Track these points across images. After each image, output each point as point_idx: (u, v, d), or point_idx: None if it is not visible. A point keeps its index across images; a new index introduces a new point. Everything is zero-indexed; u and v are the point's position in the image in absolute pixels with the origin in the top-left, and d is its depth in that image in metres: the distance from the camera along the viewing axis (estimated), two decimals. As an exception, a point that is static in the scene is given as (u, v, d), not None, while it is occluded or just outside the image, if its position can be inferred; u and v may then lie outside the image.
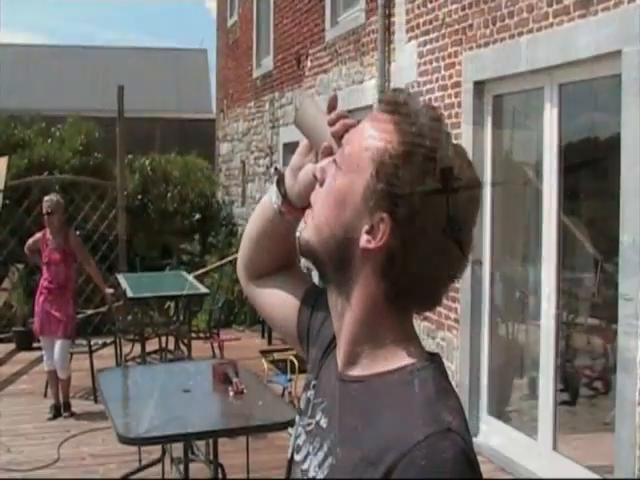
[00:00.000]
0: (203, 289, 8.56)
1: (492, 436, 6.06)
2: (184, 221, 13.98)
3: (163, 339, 8.67)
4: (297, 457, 1.33)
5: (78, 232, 10.62)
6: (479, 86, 6.05)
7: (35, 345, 9.02)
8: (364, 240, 1.19)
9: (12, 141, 12.86)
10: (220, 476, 5.08)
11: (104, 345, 8.39)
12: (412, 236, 1.16)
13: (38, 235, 7.45)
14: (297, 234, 1.38)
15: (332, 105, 1.36)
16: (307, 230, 1.29)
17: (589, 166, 5.57)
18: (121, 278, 8.94)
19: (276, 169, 1.50)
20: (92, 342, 8.09)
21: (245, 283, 1.63)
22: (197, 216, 14.17)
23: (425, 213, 1.15)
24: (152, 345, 8.54)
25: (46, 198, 7.40)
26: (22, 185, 11.31)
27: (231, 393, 4.74)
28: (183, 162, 15.28)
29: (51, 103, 20.37)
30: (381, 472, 1.08)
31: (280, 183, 1.46)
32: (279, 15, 11.20)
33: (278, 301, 1.56)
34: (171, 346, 8.69)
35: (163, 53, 30.12)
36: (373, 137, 1.21)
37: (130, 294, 7.93)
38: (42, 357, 7.58)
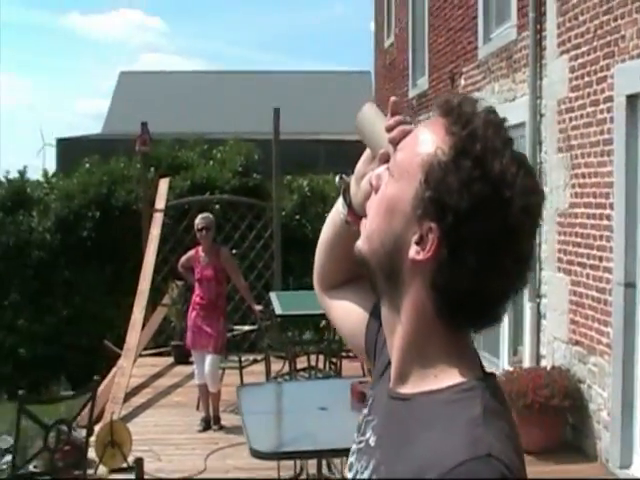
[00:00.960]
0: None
1: (646, 469, 5.73)
2: (341, 241, 14.04)
3: (313, 357, 8.74)
4: (349, 475, 1.29)
5: (235, 251, 10.97)
6: (632, 100, 5.77)
7: (192, 359, 9.30)
8: (413, 251, 1.14)
9: (176, 163, 13.41)
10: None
11: (254, 361, 8.55)
12: (461, 248, 1.10)
13: (191, 252, 7.71)
14: None
15: (394, 110, 1.32)
16: (361, 240, 1.25)
17: None
18: (273, 296, 9.10)
19: (341, 178, 1.47)
20: (243, 358, 8.28)
21: (319, 294, 1.61)
22: (353, 236, 14.18)
23: (475, 223, 1.09)
24: (304, 363, 8.62)
25: (200, 215, 7.64)
26: (182, 205, 11.76)
27: (367, 412, 4.68)
28: (341, 183, 15.38)
29: (218, 126, 21.09)
30: None
31: (346, 192, 1.43)
32: (434, 34, 11.15)
33: (348, 313, 1.53)
34: (321, 365, 8.75)
35: (327, 76, 30.65)
36: (424, 142, 1.16)
37: (279, 311, 8.04)
38: (196, 371, 7.81)
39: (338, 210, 1.47)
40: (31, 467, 5.51)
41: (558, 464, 6.26)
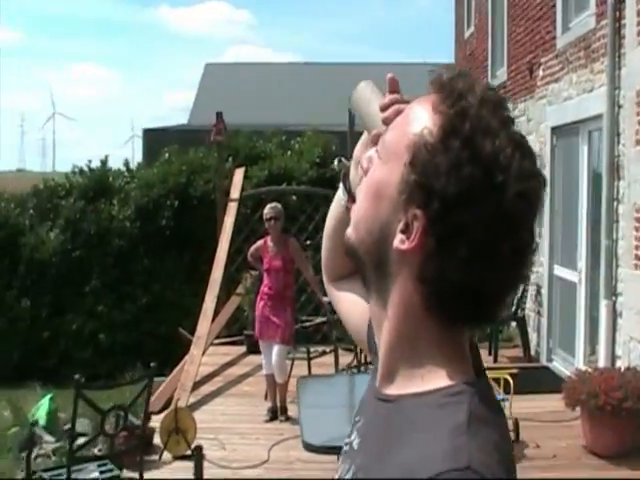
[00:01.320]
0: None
1: None
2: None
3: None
4: (336, 476, 1.23)
5: (309, 242, 10.95)
6: None
7: (262, 349, 9.34)
8: (398, 240, 1.06)
9: (254, 153, 13.47)
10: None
11: (323, 353, 8.52)
12: (451, 237, 1.01)
13: (260, 242, 7.71)
14: None
15: (392, 88, 1.24)
16: (350, 227, 1.18)
17: None
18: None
19: (340, 161, 1.40)
20: (312, 350, 8.26)
21: (327, 285, 1.56)
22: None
23: (465, 210, 1.00)
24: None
25: (269, 205, 7.64)
26: (258, 195, 11.79)
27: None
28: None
29: (298, 118, 21.11)
30: None
31: (346, 178, 1.36)
32: (513, 24, 10.90)
33: (353, 306, 1.48)
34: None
35: (410, 68, 30.35)
36: (413, 121, 1.08)
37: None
38: (265, 361, 7.81)
39: (339, 197, 1.41)
40: (95, 451, 5.61)
41: (631, 469, 6.04)
